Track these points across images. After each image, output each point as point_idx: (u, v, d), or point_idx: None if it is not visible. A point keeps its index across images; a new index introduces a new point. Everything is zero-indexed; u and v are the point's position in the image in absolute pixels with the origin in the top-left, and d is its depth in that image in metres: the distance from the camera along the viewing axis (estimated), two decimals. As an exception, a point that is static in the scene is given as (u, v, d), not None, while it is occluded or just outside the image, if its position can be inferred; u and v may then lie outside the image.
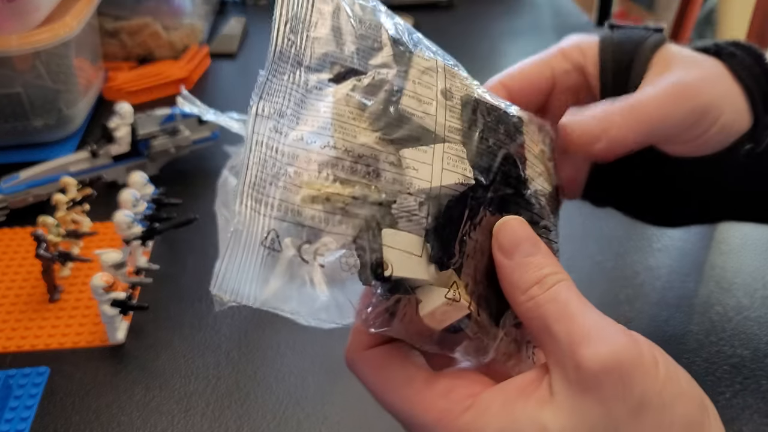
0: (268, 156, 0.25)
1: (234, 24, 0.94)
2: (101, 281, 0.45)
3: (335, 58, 0.28)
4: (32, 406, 0.43)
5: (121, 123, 0.62)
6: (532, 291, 0.26)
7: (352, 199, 0.25)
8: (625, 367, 0.23)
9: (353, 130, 0.26)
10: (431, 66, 0.29)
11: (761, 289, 0.49)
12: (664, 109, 0.32)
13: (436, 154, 0.27)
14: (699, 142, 0.34)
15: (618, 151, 0.32)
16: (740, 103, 0.34)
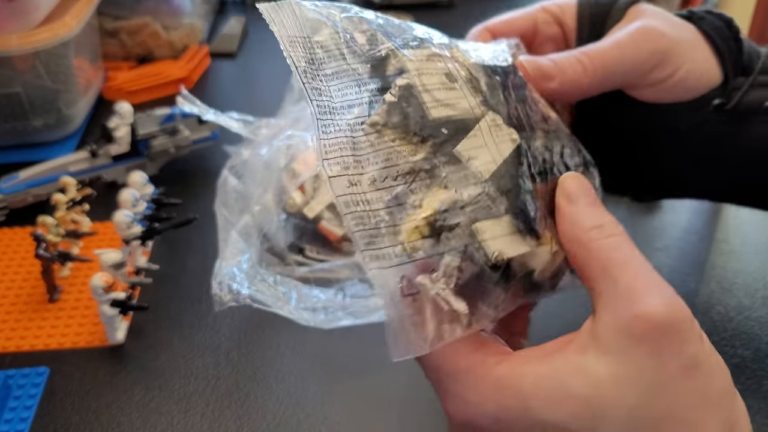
0: (360, 212, 0.26)
1: (234, 23, 0.94)
2: (101, 281, 0.45)
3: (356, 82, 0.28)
4: (32, 407, 0.43)
5: (121, 123, 0.62)
6: (593, 233, 0.26)
7: (445, 213, 0.26)
8: (686, 325, 0.24)
9: (405, 151, 0.27)
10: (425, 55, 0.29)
11: (762, 290, 0.49)
12: (622, 51, 0.35)
13: (484, 132, 0.28)
14: (664, 86, 0.36)
15: (573, 92, 0.34)
16: (708, 57, 0.37)
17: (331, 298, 0.48)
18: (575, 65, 0.34)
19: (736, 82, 0.37)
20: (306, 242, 0.54)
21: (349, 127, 0.27)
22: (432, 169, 0.27)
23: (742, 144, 0.37)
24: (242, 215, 0.51)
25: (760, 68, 0.37)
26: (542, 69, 0.34)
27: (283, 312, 0.45)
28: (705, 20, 0.37)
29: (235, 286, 0.46)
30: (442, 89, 0.28)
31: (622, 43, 0.35)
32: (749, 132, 0.37)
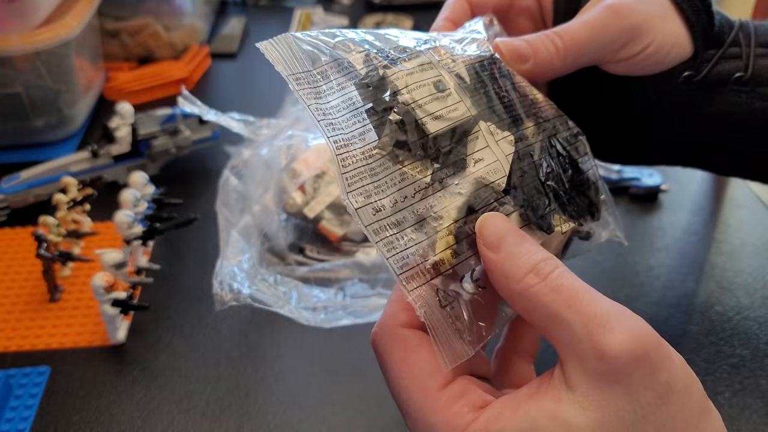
0: (389, 237, 0.27)
1: (234, 24, 0.95)
2: (102, 281, 0.45)
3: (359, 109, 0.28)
4: (33, 406, 0.43)
5: (122, 123, 0.62)
6: (529, 279, 0.25)
7: (463, 218, 0.28)
8: (651, 353, 0.22)
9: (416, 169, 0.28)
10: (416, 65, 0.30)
11: (761, 289, 0.49)
12: (593, 31, 0.35)
13: (485, 133, 0.29)
14: (635, 60, 0.36)
15: (547, 72, 0.35)
16: (679, 30, 0.37)
17: (331, 298, 0.48)
18: (549, 46, 0.35)
19: (707, 54, 0.38)
20: (306, 242, 0.54)
21: (363, 155, 0.27)
22: (444, 179, 0.28)
23: (710, 114, 0.38)
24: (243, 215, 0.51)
25: (730, 40, 0.38)
26: (517, 50, 0.34)
27: (284, 311, 0.46)
28: None
29: (236, 285, 0.46)
30: (433, 101, 0.29)
31: (593, 22, 0.36)
32: (716, 102, 0.38)
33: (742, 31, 0.38)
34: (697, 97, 0.38)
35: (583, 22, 0.36)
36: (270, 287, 0.47)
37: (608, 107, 0.40)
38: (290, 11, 1.00)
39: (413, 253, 0.27)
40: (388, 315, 0.27)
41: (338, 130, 0.27)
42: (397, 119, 0.28)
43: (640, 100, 0.39)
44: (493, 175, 0.29)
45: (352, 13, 0.99)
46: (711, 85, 0.38)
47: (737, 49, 0.38)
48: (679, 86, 0.38)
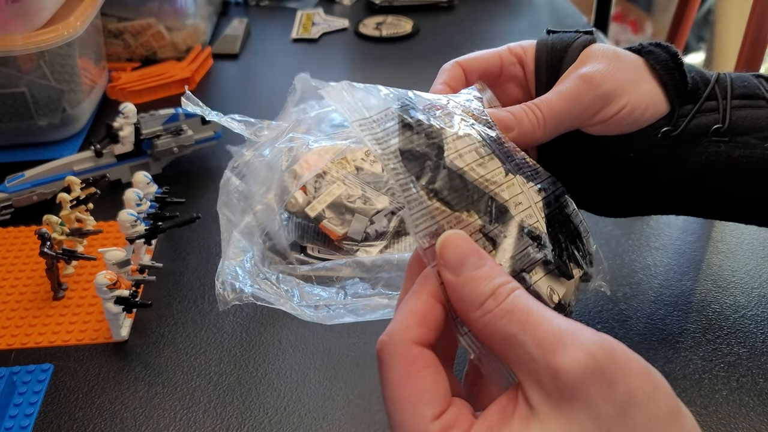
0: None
1: (237, 25, 0.95)
2: (105, 279, 0.45)
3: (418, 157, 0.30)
4: (36, 403, 0.43)
5: (125, 123, 0.62)
6: (488, 305, 0.25)
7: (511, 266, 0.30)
8: (606, 366, 0.23)
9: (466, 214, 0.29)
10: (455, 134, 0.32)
11: (758, 288, 0.50)
12: (568, 102, 0.38)
13: (519, 183, 0.32)
14: (611, 122, 0.39)
15: (530, 141, 0.37)
16: (653, 90, 0.40)
17: (332, 297, 0.48)
18: (531, 117, 0.38)
19: (683, 110, 0.40)
20: (308, 241, 0.54)
21: (417, 199, 0.28)
22: (485, 225, 0.30)
23: (691, 165, 0.40)
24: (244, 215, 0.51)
25: (706, 95, 0.40)
26: (504, 120, 0.37)
27: (286, 308, 0.46)
28: (653, 54, 0.40)
29: (238, 284, 0.47)
30: (479, 166, 0.31)
31: (568, 93, 0.38)
32: (697, 154, 0.40)
33: (718, 85, 0.41)
34: (677, 150, 0.40)
35: (559, 93, 0.39)
36: (272, 286, 0.48)
37: (594, 165, 0.42)
38: (292, 12, 1.01)
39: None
40: (400, 326, 0.27)
41: (399, 174, 0.28)
42: (455, 168, 0.30)
43: (624, 156, 0.41)
44: (529, 219, 0.31)
45: (353, 14, 1.00)
46: (690, 138, 0.40)
47: (714, 103, 0.40)
48: (658, 141, 0.40)
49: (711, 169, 0.40)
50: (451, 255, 0.27)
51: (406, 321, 0.27)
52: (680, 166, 0.40)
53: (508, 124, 0.37)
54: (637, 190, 0.43)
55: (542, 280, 0.31)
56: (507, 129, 0.37)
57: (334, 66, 0.87)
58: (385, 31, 0.93)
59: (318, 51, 0.91)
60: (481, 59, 0.42)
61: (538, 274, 0.31)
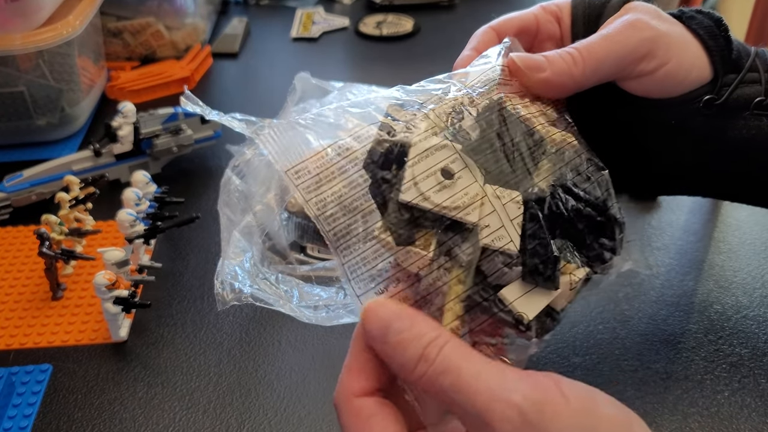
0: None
1: (236, 24, 0.95)
2: (104, 279, 0.45)
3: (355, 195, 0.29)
4: (35, 403, 0.43)
5: (124, 122, 0.62)
6: (420, 368, 0.25)
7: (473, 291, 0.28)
8: (533, 417, 0.23)
9: (422, 243, 0.28)
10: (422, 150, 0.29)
11: (760, 288, 0.50)
12: (611, 42, 0.36)
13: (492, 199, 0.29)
14: (655, 78, 0.36)
15: (565, 82, 0.35)
16: (697, 54, 0.37)
17: (332, 297, 0.48)
18: (566, 57, 0.35)
19: (727, 78, 0.38)
20: (307, 241, 0.54)
21: (364, 239, 0.28)
22: (452, 248, 0.28)
23: (731, 138, 0.38)
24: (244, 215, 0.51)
25: (749, 65, 0.38)
26: (533, 60, 0.35)
27: (285, 310, 0.46)
28: (695, 19, 0.38)
29: (237, 284, 0.46)
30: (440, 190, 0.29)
31: (611, 34, 0.36)
32: (738, 127, 0.38)
33: (758, 58, 0.39)
34: (718, 122, 0.38)
35: (601, 34, 0.36)
36: (271, 286, 0.47)
37: (629, 134, 0.40)
38: (292, 11, 1.00)
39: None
40: (342, 384, 0.28)
41: (338, 219, 0.28)
42: (404, 201, 0.28)
43: (663, 125, 0.39)
44: (499, 241, 0.29)
45: (353, 13, 1.00)
46: (732, 110, 0.38)
47: (756, 74, 0.38)
48: (699, 110, 0.38)
49: (751, 143, 0.38)
50: (373, 326, 0.27)
51: (344, 378, 0.28)
52: (720, 139, 0.38)
53: (538, 64, 0.35)
54: (675, 164, 0.40)
55: (516, 301, 0.29)
56: (537, 68, 0.35)
57: (334, 65, 0.87)
58: (385, 30, 0.93)
59: (318, 50, 0.90)
60: (515, 19, 0.40)
61: (511, 293, 0.29)
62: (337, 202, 0.28)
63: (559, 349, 0.45)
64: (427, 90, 0.33)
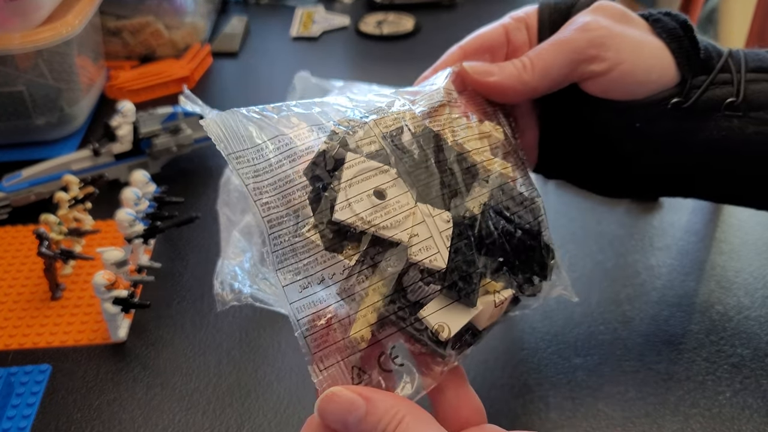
0: (312, 314, 0.28)
1: (236, 23, 0.95)
2: (103, 279, 0.45)
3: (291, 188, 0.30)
4: (34, 404, 0.43)
5: (123, 121, 0.62)
6: None
7: (389, 301, 0.28)
8: None
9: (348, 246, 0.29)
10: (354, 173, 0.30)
11: (762, 289, 0.49)
12: (557, 44, 0.36)
13: (423, 212, 0.30)
14: (612, 79, 0.37)
15: (516, 85, 0.36)
16: (659, 53, 0.37)
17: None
18: (516, 63, 0.36)
19: (696, 80, 0.38)
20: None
21: (294, 233, 0.28)
22: (376, 255, 0.29)
23: (702, 140, 0.38)
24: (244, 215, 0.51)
25: (720, 66, 0.38)
26: (482, 66, 0.36)
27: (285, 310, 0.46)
28: (660, 22, 0.38)
29: (237, 285, 0.46)
30: (373, 213, 0.29)
31: (560, 38, 0.37)
32: (709, 128, 0.38)
33: (731, 58, 0.38)
34: (688, 124, 0.38)
35: (551, 39, 0.37)
36: (271, 286, 0.47)
37: (599, 137, 0.40)
38: (292, 10, 1.00)
39: (335, 328, 0.28)
40: None
41: (273, 208, 0.28)
42: (333, 197, 0.29)
43: (631, 128, 0.39)
44: (424, 252, 0.29)
45: (354, 12, 0.99)
46: (702, 111, 0.38)
47: (728, 75, 0.38)
48: (668, 113, 0.38)
49: (723, 145, 0.38)
50: (331, 417, 0.28)
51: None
52: (691, 141, 0.38)
53: (488, 70, 0.36)
54: (645, 166, 0.40)
55: (433, 316, 0.29)
56: (487, 73, 0.36)
57: (335, 64, 0.86)
58: (385, 29, 0.93)
59: (318, 49, 0.90)
60: (482, 35, 0.41)
61: (430, 308, 0.29)
62: (273, 192, 0.29)
63: (560, 350, 0.45)
64: (372, 102, 0.34)
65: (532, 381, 0.43)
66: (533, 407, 0.41)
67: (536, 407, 0.41)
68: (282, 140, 0.30)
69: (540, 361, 0.44)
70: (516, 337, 0.46)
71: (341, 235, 0.29)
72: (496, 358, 0.45)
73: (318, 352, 0.28)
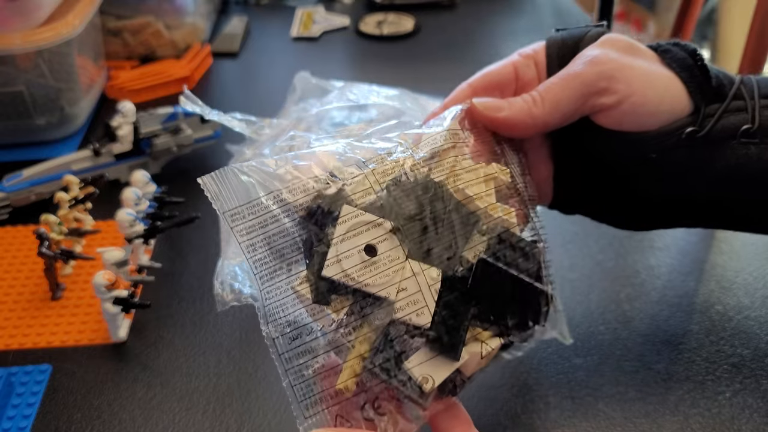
0: (301, 364, 0.29)
1: (236, 23, 0.95)
2: (103, 279, 0.45)
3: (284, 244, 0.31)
4: (34, 404, 0.43)
5: (124, 121, 0.62)
6: None
7: (374, 352, 0.29)
8: None
9: (338, 301, 0.30)
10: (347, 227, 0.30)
11: (762, 289, 0.49)
12: (566, 79, 0.36)
13: (413, 265, 0.30)
14: (624, 111, 0.36)
15: (525, 120, 0.36)
16: (668, 85, 0.37)
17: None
18: (526, 98, 0.36)
19: (709, 109, 0.37)
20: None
21: (286, 287, 0.30)
22: (365, 308, 0.29)
23: (718, 169, 0.37)
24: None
25: (733, 94, 0.38)
26: (492, 102, 0.36)
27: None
28: (669, 52, 0.38)
29: (237, 285, 0.46)
30: (362, 269, 0.29)
31: (569, 72, 0.37)
32: (725, 157, 0.37)
33: (744, 85, 0.38)
34: (704, 153, 0.37)
35: (560, 73, 0.37)
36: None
37: (613, 170, 0.40)
38: (292, 10, 1.00)
39: (321, 378, 0.29)
40: None
41: (265, 264, 0.29)
42: (323, 251, 0.29)
43: (645, 159, 0.38)
44: (411, 306, 0.29)
45: (354, 12, 0.99)
46: (717, 140, 0.37)
47: (741, 102, 0.37)
48: (682, 142, 0.37)
49: (740, 172, 0.37)
50: None
51: None
52: (707, 170, 0.38)
53: (498, 105, 0.36)
54: (662, 198, 0.40)
55: (417, 368, 0.29)
56: (496, 109, 0.36)
57: (335, 64, 0.86)
58: (386, 30, 0.93)
59: (318, 49, 0.90)
60: (491, 72, 0.40)
61: (415, 360, 0.30)
62: (267, 247, 0.30)
63: (560, 350, 0.45)
64: (374, 148, 0.34)
65: (532, 381, 0.43)
66: (533, 407, 0.41)
67: (536, 407, 0.41)
68: (277, 195, 0.31)
69: (540, 361, 0.44)
70: (516, 337, 0.46)
71: (330, 289, 0.29)
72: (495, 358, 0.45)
73: (304, 401, 0.29)
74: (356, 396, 0.30)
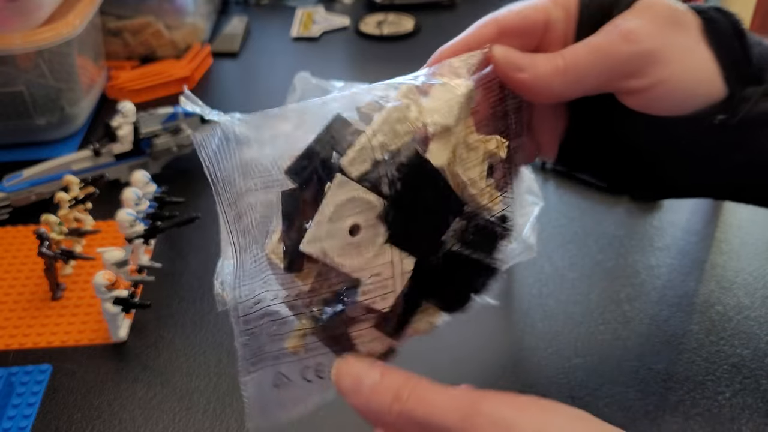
0: (255, 327, 0.30)
1: (236, 23, 0.95)
2: (104, 279, 0.45)
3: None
4: (35, 404, 0.43)
5: (124, 122, 0.62)
6: (395, 407, 0.27)
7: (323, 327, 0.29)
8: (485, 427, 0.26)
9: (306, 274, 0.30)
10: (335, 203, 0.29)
11: (762, 289, 0.49)
12: (595, 53, 0.32)
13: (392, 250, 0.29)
14: (653, 95, 0.33)
15: (544, 90, 0.32)
16: (706, 65, 0.33)
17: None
18: (550, 62, 0.32)
19: (746, 92, 0.33)
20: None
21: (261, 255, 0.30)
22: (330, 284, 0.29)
23: (748, 154, 0.35)
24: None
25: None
26: (514, 58, 0.32)
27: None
28: (713, 23, 0.34)
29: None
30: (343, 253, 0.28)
31: (598, 44, 0.33)
32: (756, 143, 0.34)
33: None
34: (736, 138, 0.34)
35: (588, 43, 0.33)
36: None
37: (635, 149, 0.37)
38: (292, 10, 1.00)
39: (269, 341, 0.30)
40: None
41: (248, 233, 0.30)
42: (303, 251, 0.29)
43: (673, 144, 0.35)
44: (379, 290, 0.29)
45: (354, 12, 0.99)
46: (752, 126, 0.34)
47: None
48: (714, 128, 0.34)
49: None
50: (345, 382, 0.29)
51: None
52: (738, 156, 0.35)
53: (519, 63, 0.32)
54: (687, 179, 0.37)
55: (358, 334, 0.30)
56: (517, 68, 0.32)
57: (335, 65, 0.86)
58: (386, 30, 0.93)
59: (318, 49, 0.90)
60: (523, 13, 0.35)
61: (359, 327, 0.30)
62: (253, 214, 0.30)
63: (560, 350, 0.45)
64: (378, 95, 0.32)
65: (532, 381, 0.43)
66: (533, 407, 0.41)
67: (536, 407, 0.41)
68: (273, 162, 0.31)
69: (540, 361, 0.44)
70: (516, 337, 0.46)
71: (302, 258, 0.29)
72: (496, 358, 0.45)
73: (252, 358, 0.30)
74: (300, 360, 0.30)
